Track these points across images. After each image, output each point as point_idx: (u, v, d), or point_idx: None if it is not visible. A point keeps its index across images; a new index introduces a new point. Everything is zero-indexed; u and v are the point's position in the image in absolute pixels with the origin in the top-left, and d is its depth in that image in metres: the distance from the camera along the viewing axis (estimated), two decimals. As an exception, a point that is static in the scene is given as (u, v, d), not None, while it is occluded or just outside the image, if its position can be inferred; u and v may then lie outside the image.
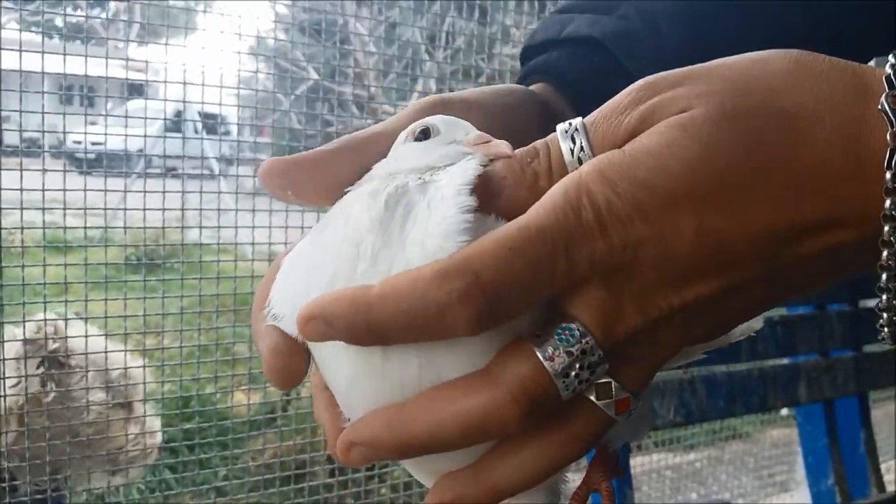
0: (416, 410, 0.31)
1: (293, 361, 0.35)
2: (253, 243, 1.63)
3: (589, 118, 0.34)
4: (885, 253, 0.30)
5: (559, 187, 0.31)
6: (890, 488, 1.20)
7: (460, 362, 0.31)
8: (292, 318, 0.33)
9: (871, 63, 0.33)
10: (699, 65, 0.33)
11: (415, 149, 0.36)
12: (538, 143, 0.34)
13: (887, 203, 0.29)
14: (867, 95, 0.30)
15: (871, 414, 1.23)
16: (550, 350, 0.31)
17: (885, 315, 0.32)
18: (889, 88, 0.30)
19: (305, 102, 2.06)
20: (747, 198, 0.30)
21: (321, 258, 0.33)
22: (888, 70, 0.30)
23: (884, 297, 0.31)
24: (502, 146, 0.35)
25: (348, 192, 0.37)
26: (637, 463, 2.34)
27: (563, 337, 0.31)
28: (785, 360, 1.18)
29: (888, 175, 0.29)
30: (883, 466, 1.23)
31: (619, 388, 0.32)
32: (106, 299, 1.45)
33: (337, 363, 0.33)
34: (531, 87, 0.51)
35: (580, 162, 0.33)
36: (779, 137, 0.30)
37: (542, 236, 0.30)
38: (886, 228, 0.29)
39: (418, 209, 0.32)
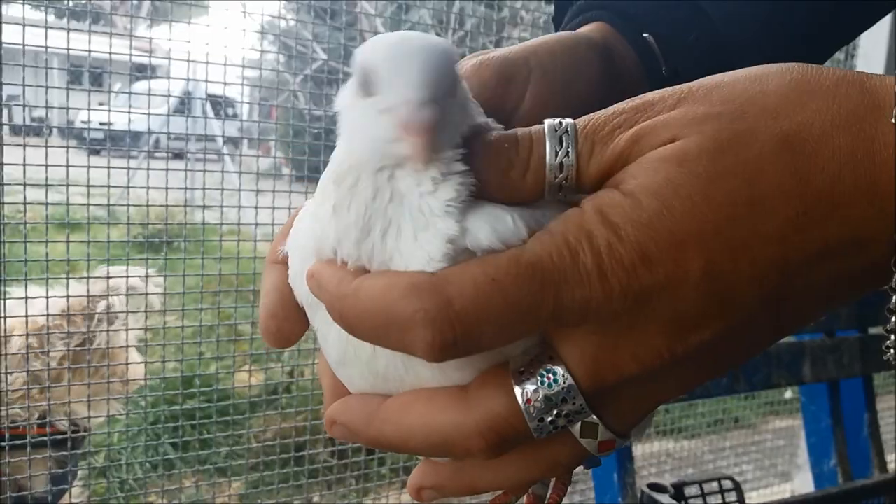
0: (390, 413, 0.31)
1: (286, 326, 0.35)
2: (256, 224, 1.63)
3: (581, 122, 0.31)
4: None
5: (560, 224, 0.29)
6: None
7: (443, 375, 0.30)
8: (299, 274, 0.33)
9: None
10: (693, 84, 0.31)
11: (366, 111, 0.30)
12: (520, 131, 0.32)
13: None
14: (878, 110, 0.28)
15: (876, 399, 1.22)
16: (530, 390, 0.29)
17: (892, 337, 0.30)
18: None
19: (313, 83, 2.06)
20: (752, 233, 0.28)
21: (330, 227, 0.32)
22: None
23: (893, 319, 0.30)
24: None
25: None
26: (639, 449, 2.34)
27: (546, 380, 0.29)
28: (791, 339, 1.17)
29: None
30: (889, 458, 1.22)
31: (604, 431, 0.31)
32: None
33: (328, 342, 0.34)
34: (588, 32, 0.46)
35: (561, 167, 0.30)
36: (779, 164, 0.28)
37: (530, 273, 0.28)
38: None
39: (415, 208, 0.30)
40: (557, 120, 0.31)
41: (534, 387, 0.29)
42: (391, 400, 0.32)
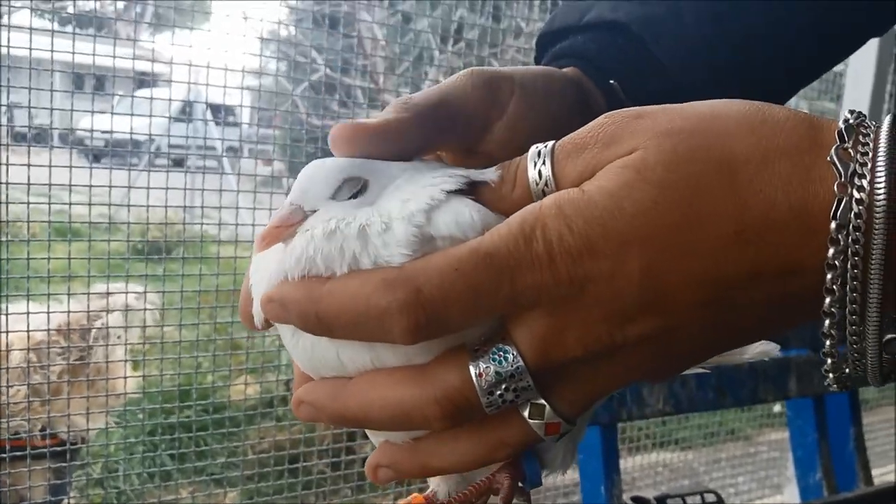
0: (354, 389, 0.34)
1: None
2: (254, 231, 1.64)
3: (558, 145, 0.34)
4: (827, 300, 0.30)
5: (517, 216, 0.32)
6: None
7: (409, 362, 0.33)
8: (256, 312, 0.36)
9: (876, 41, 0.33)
10: (661, 105, 0.34)
11: (345, 207, 0.35)
12: (513, 161, 0.36)
13: (830, 252, 0.29)
14: (820, 146, 0.30)
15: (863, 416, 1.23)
16: (482, 366, 0.32)
17: (828, 361, 0.32)
18: (840, 141, 0.30)
19: (314, 94, 2.08)
20: (692, 243, 0.30)
21: (273, 264, 0.35)
22: (841, 125, 0.30)
23: (827, 342, 0.31)
24: None
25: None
26: (632, 461, 2.35)
27: (497, 357, 0.32)
28: (777, 354, 1.18)
29: (833, 225, 0.29)
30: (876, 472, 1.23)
31: (551, 413, 0.33)
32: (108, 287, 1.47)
33: (295, 351, 0.36)
34: (564, 71, 0.51)
35: (539, 175, 0.34)
36: (722, 183, 0.30)
37: (488, 261, 0.31)
38: (829, 276, 0.30)
39: (370, 224, 0.34)
40: (538, 148, 0.35)
41: (486, 364, 0.32)
42: (355, 379, 0.34)
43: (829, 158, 0.30)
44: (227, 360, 1.74)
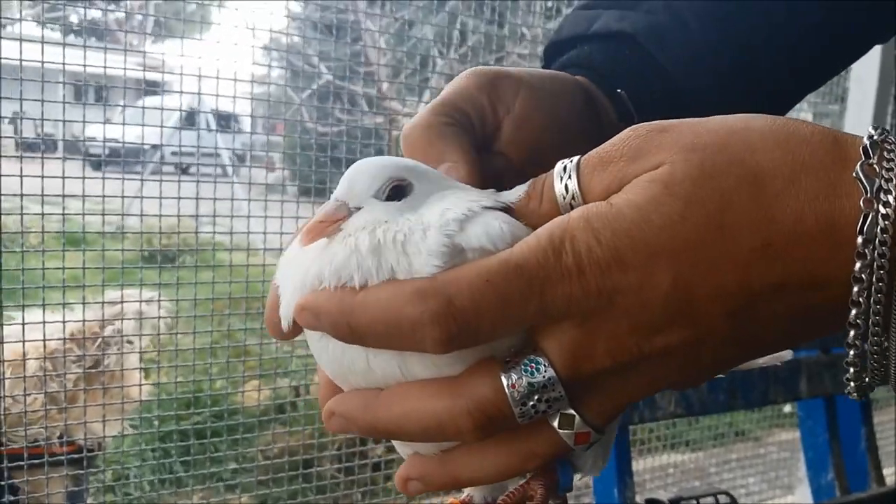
0: (386, 401, 0.34)
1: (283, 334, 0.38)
2: (265, 238, 1.65)
3: (584, 160, 0.35)
4: (853, 312, 0.31)
5: (546, 229, 0.33)
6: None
7: (439, 372, 0.34)
8: (284, 313, 0.36)
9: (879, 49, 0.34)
10: (685, 120, 0.34)
11: (389, 209, 0.36)
12: (539, 178, 0.37)
13: (857, 265, 0.30)
14: (845, 162, 0.31)
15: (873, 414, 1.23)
16: (514, 378, 0.33)
17: (851, 370, 0.33)
18: (865, 157, 0.31)
19: (318, 100, 2.08)
20: (720, 255, 0.31)
21: (312, 265, 0.35)
22: (866, 141, 0.31)
23: (851, 352, 0.32)
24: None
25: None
26: (643, 463, 2.35)
27: (529, 369, 0.33)
28: (789, 357, 1.18)
29: (860, 239, 0.30)
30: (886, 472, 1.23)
31: (580, 423, 0.34)
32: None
33: (322, 359, 0.37)
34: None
35: (566, 189, 0.35)
36: (749, 197, 0.31)
37: (519, 273, 0.32)
38: (856, 289, 0.30)
39: (411, 235, 0.34)
40: (563, 164, 0.36)
41: (518, 375, 0.33)
42: (387, 390, 0.35)
43: (854, 174, 0.31)
44: (238, 367, 1.74)
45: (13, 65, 1.31)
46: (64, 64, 1.36)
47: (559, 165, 0.36)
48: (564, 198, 0.35)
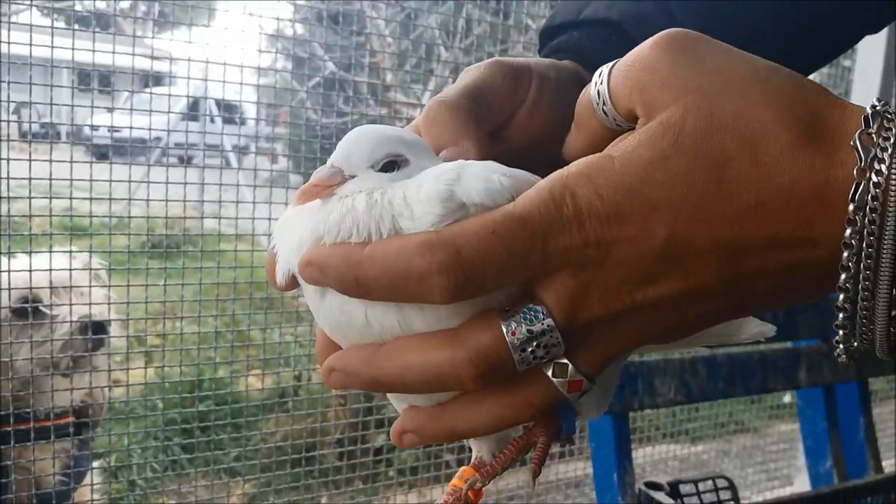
0: (387, 354, 0.35)
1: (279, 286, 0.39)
2: (270, 226, 1.65)
3: (617, 65, 0.37)
4: (843, 276, 0.32)
5: (546, 183, 0.34)
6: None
7: (438, 325, 0.35)
8: (280, 267, 0.37)
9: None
10: (717, 46, 0.35)
11: (381, 180, 0.37)
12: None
13: (847, 231, 0.31)
14: (845, 130, 0.32)
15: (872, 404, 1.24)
16: (514, 325, 0.34)
17: (840, 333, 0.34)
18: (865, 127, 0.32)
19: (321, 93, 2.09)
20: (715, 211, 0.32)
21: (307, 222, 0.37)
22: (868, 111, 0.32)
23: (840, 315, 0.33)
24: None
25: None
26: (642, 453, 2.36)
27: (528, 316, 0.34)
28: (787, 344, 1.19)
29: (851, 207, 0.31)
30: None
31: (573, 371, 0.35)
32: (127, 284, 1.49)
33: (319, 314, 0.37)
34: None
35: (598, 94, 0.37)
36: (751, 159, 0.32)
37: (522, 225, 0.33)
38: (845, 254, 0.32)
39: (407, 190, 0.35)
40: (601, 68, 0.38)
41: (517, 323, 0.34)
42: (388, 344, 0.35)
43: (851, 143, 0.32)
44: (240, 355, 1.75)
45: (19, 54, 1.32)
46: (73, 50, 1.37)
47: (597, 72, 0.38)
48: (597, 103, 0.37)
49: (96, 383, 1.45)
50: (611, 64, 0.37)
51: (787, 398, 2.68)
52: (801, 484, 2.24)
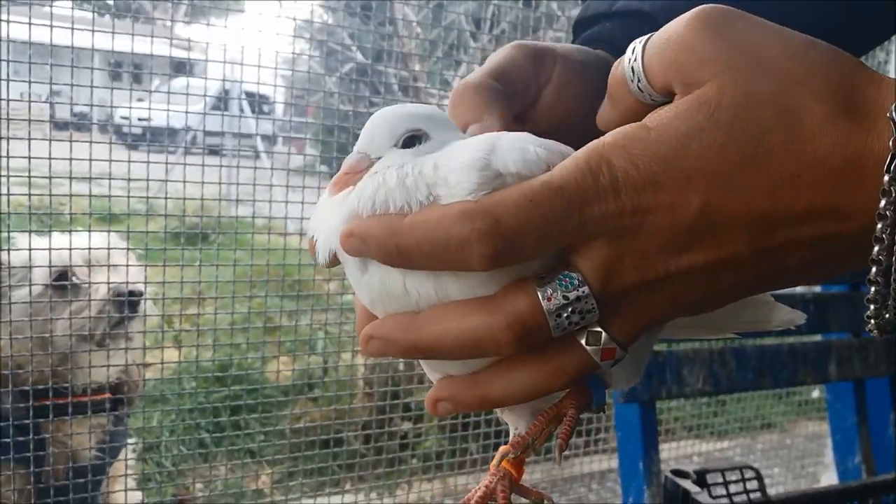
0: (426, 320, 0.36)
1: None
2: (301, 217, 1.67)
3: (651, 41, 0.37)
4: (876, 248, 0.32)
5: (583, 152, 0.34)
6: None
7: (473, 293, 0.35)
8: (321, 248, 0.38)
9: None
10: (754, 22, 0.35)
11: (406, 156, 0.38)
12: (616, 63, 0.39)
13: (882, 203, 0.31)
14: (882, 105, 0.32)
15: None
16: (549, 291, 0.34)
17: (871, 307, 0.34)
18: None
19: (349, 83, 2.10)
20: (750, 183, 0.33)
21: (344, 202, 0.38)
22: None
23: (872, 289, 0.33)
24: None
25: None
26: (667, 448, 2.35)
27: (564, 283, 0.34)
28: (817, 338, 1.18)
29: (886, 178, 0.31)
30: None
31: (607, 339, 0.35)
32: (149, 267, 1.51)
33: (360, 285, 0.38)
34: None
35: (632, 71, 0.37)
36: (786, 134, 0.32)
37: (560, 194, 0.34)
38: (879, 226, 0.32)
39: (437, 163, 0.36)
40: (637, 41, 0.38)
41: (552, 289, 0.34)
42: (426, 311, 0.36)
43: (888, 115, 0.32)
44: (269, 342, 1.77)
45: (56, 44, 1.34)
46: (113, 34, 1.38)
47: (630, 46, 0.38)
48: (631, 80, 0.37)
49: (132, 357, 1.48)
50: (643, 39, 0.37)
51: (816, 394, 2.65)
52: (828, 482, 2.22)
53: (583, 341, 0.35)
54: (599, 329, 0.35)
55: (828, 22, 0.55)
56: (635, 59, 0.37)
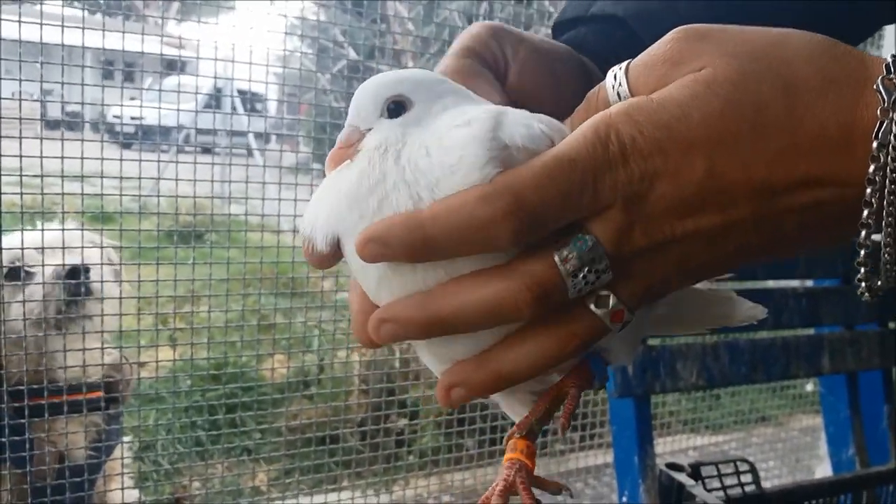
0: (443, 294, 0.36)
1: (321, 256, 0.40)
2: (294, 215, 1.67)
3: (632, 67, 0.38)
4: (865, 212, 0.34)
5: (590, 123, 0.36)
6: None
7: (485, 265, 0.36)
8: (321, 233, 0.38)
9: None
10: (726, 27, 0.37)
11: (393, 126, 0.39)
12: (593, 91, 0.41)
13: (871, 168, 0.33)
14: (869, 78, 0.34)
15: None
16: (565, 253, 0.36)
17: (861, 270, 0.36)
18: (887, 73, 0.34)
19: (342, 81, 2.09)
20: (752, 150, 0.34)
21: (343, 185, 0.38)
22: (888, 59, 0.34)
23: (862, 252, 0.35)
24: None
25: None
26: (662, 443, 2.35)
27: (578, 245, 0.36)
28: (810, 331, 1.19)
29: (874, 144, 0.33)
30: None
31: (616, 301, 0.37)
32: (142, 266, 1.51)
33: (367, 267, 0.38)
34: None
35: (619, 96, 0.38)
36: (785, 104, 0.34)
37: (573, 167, 0.35)
38: (868, 190, 0.34)
39: (428, 148, 0.37)
40: (617, 66, 0.39)
41: (568, 251, 0.36)
42: (440, 286, 0.36)
43: (875, 87, 0.34)
44: (264, 340, 1.77)
45: (46, 43, 1.33)
46: (103, 32, 1.38)
47: (610, 74, 0.39)
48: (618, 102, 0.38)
49: (96, 341, 1.45)
50: (622, 65, 0.39)
51: (810, 387, 2.67)
52: (822, 474, 2.23)
53: (592, 306, 0.37)
54: (608, 293, 0.36)
55: (817, 13, 0.56)
56: (619, 85, 0.38)
